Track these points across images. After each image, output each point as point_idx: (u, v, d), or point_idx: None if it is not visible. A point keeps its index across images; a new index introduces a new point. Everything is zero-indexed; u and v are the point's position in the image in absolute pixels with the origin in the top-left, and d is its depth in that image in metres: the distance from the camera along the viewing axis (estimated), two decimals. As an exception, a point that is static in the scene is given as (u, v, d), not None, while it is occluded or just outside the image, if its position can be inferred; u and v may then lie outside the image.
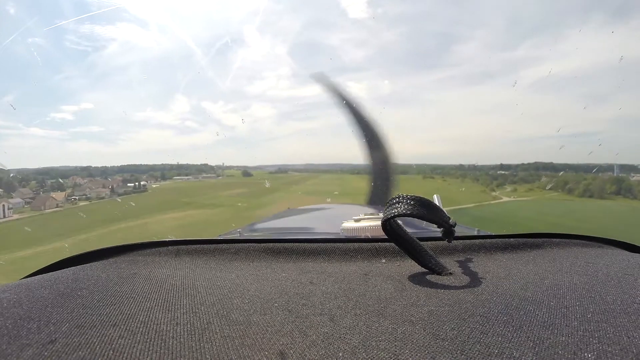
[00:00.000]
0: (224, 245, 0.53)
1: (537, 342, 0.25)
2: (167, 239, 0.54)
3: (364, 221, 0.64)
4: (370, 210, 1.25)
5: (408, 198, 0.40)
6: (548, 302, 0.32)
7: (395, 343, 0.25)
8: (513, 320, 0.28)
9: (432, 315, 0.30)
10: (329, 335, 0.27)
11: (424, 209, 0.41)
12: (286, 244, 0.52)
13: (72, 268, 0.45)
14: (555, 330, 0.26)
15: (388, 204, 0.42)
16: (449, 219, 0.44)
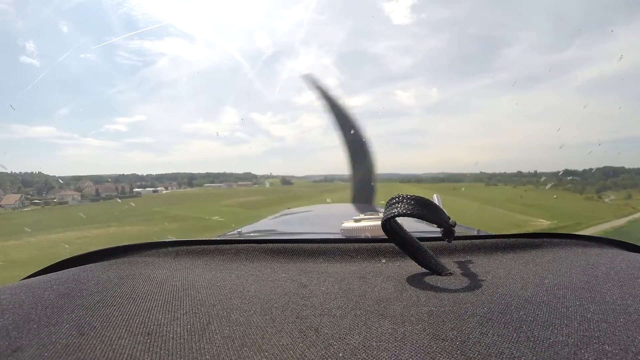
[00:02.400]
0: (224, 246, 0.53)
1: (537, 342, 0.25)
2: (167, 240, 0.54)
3: (364, 221, 0.64)
4: (370, 210, 1.25)
5: (408, 198, 0.40)
6: (548, 302, 0.32)
7: (395, 343, 0.25)
8: (513, 320, 0.28)
9: (432, 315, 0.30)
10: (329, 336, 0.27)
11: (424, 209, 0.41)
12: (286, 245, 0.52)
13: (73, 269, 0.45)
14: (555, 330, 0.26)
15: (388, 204, 0.42)
16: (449, 218, 0.44)
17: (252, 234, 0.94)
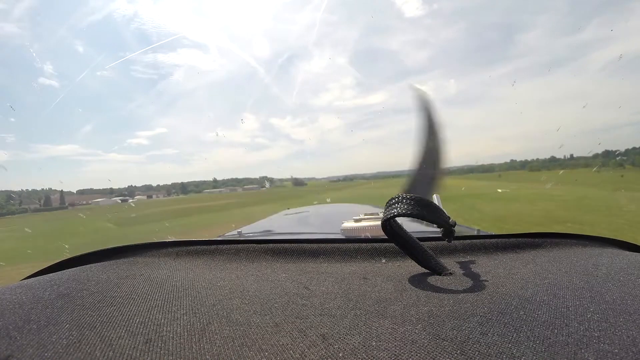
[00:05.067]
0: (224, 246, 0.53)
1: (537, 342, 0.25)
2: (166, 240, 0.54)
3: (364, 221, 0.64)
4: (370, 210, 1.25)
5: (408, 198, 0.40)
6: (548, 301, 0.32)
7: (395, 343, 0.25)
8: (513, 320, 0.28)
9: (432, 315, 0.30)
10: (329, 336, 0.27)
11: (424, 209, 0.41)
12: (286, 245, 0.52)
13: (73, 269, 0.45)
14: (555, 330, 0.26)
15: (388, 204, 0.42)
16: (449, 218, 0.44)
17: (252, 234, 0.94)
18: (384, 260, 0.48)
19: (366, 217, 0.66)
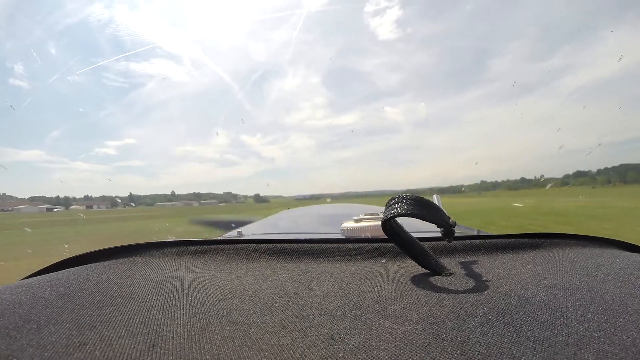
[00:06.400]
0: (224, 246, 0.53)
1: (537, 342, 0.25)
2: (166, 240, 0.54)
3: (364, 221, 0.64)
4: (370, 210, 1.25)
5: (407, 198, 0.40)
6: (548, 302, 0.32)
7: (395, 343, 0.25)
8: (513, 320, 0.28)
9: (432, 315, 0.30)
10: (329, 336, 0.27)
11: (424, 209, 0.41)
12: (286, 245, 0.52)
13: (73, 269, 0.46)
14: (555, 330, 0.26)
15: (388, 204, 0.42)
16: (449, 218, 0.44)
17: (252, 234, 0.94)
18: (384, 260, 0.48)
19: (366, 217, 0.66)
